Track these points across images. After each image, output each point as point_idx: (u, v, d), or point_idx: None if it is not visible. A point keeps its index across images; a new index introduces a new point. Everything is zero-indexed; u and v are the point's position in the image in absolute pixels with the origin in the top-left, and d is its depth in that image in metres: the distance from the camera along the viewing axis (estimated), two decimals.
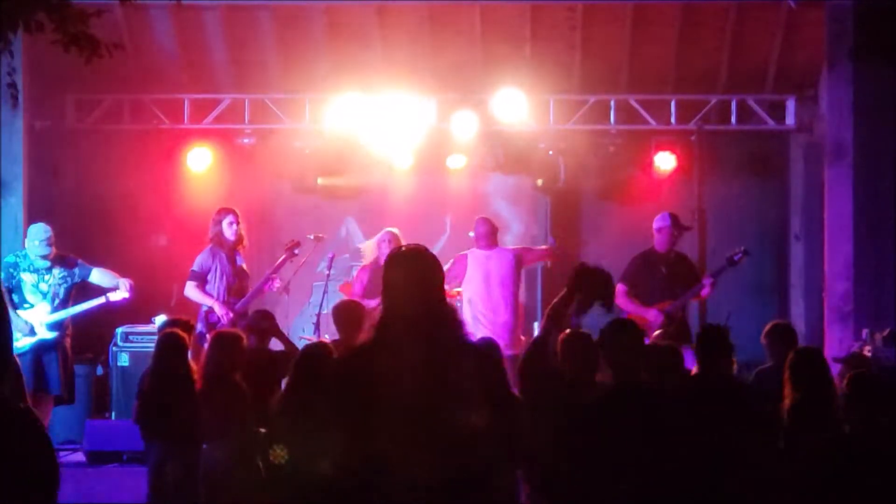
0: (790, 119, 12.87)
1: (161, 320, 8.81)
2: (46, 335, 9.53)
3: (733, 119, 12.83)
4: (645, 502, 5.13)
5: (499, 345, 6.58)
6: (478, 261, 10.58)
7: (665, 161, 12.86)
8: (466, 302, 10.50)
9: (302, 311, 12.74)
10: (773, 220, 13.35)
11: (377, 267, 10.47)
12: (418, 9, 12.20)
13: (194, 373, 7.25)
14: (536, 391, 5.83)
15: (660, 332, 8.91)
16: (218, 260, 10.06)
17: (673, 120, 12.80)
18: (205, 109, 12.87)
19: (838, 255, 11.41)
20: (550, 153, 12.91)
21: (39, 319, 9.53)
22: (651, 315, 9.66)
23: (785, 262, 13.31)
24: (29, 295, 9.58)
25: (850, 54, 11.24)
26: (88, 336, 10.75)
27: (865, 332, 10.48)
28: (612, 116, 12.82)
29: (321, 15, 12.28)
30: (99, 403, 11.08)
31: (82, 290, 9.90)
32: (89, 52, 8.04)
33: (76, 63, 8.20)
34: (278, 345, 8.36)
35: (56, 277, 9.66)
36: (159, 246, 12.65)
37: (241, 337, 7.24)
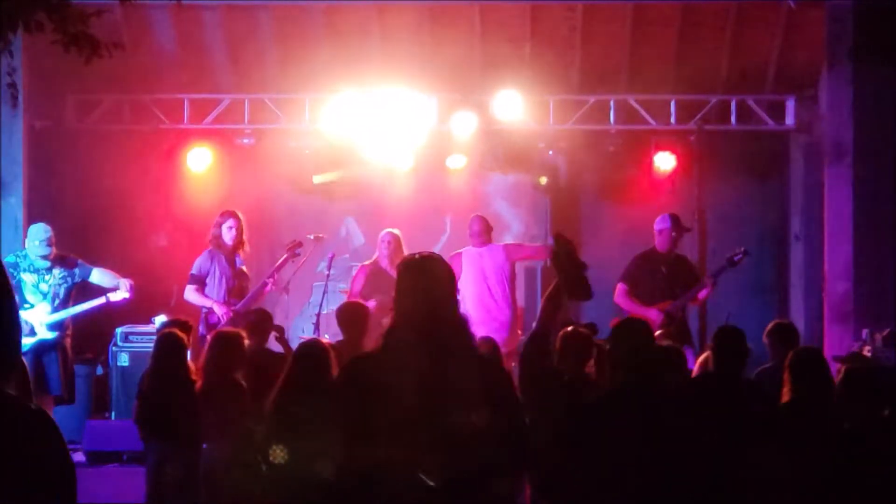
0: (790, 119, 12.86)
1: (161, 320, 8.81)
2: (46, 335, 9.53)
3: (733, 119, 12.82)
4: (646, 502, 5.13)
5: (497, 344, 6.59)
6: (472, 259, 10.59)
7: (665, 161, 12.86)
8: (462, 300, 10.48)
9: (302, 312, 12.73)
10: (773, 221, 13.34)
11: (376, 267, 10.48)
12: (418, 9, 12.19)
13: (193, 373, 7.24)
14: (536, 390, 5.83)
15: (660, 332, 8.91)
16: (217, 262, 10.04)
17: (673, 120, 12.78)
18: (204, 109, 12.85)
19: (838, 256, 11.41)
20: (550, 153, 12.90)
21: (39, 319, 9.52)
22: (652, 315, 9.65)
23: (785, 263, 13.30)
24: (29, 295, 9.57)
25: (850, 54, 11.24)
26: (88, 336, 10.74)
27: (865, 333, 10.47)
28: (612, 116, 12.81)
29: (321, 15, 12.27)
30: (99, 403, 11.07)
31: (82, 291, 9.89)
32: (89, 52, 8.05)
33: (76, 63, 8.22)
34: (278, 346, 8.36)
35: (56, 277, 9.65)
36: (159, 246, 12.64)
37: (242, 336, 7.22)
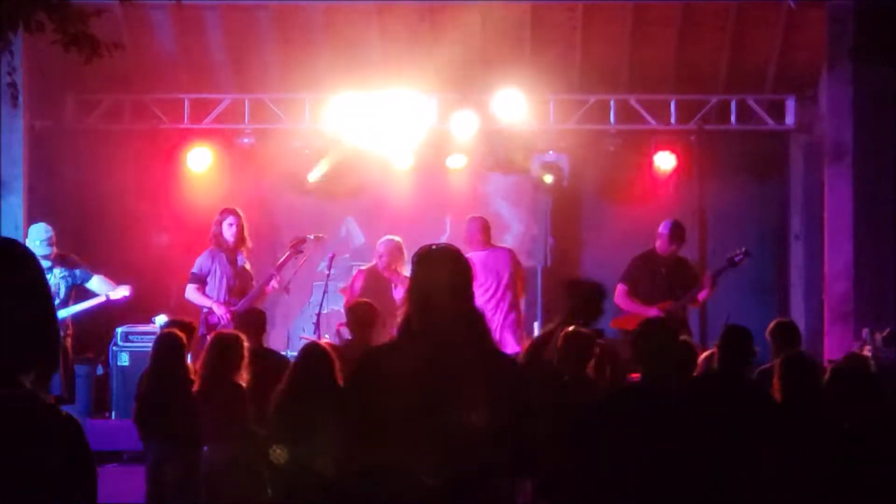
0: (790, 119, 12.84)
1: (161, 320, 8.80)
2: None
3: (733, 119, 12.80)
4: (649, 501, 5.12)
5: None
6: (479, 262, 10.56)
7: (665, 161, 12.84)
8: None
9: (302, 312, 12.73)
10: (773, 220, 13.33)
11: (373, 272, 10.41)
12: (418, 9, 12.18)
13: (192, 373, 7.24)
14: (536, 391, 5.83)
15: None
16: (217, 261, 10.03)
17: (673, 120, 12.77)
18: (205, 109, 12.84)
19: (838, 255, 11.40)
20: (551, 153, 12.89)
21: None
22: (652, 314, 9.65)
23: (785, 262, 13.29)
24: None
25: (851, 54, 11.23)
26: (88, 336, 10.74)
27: (866, 332, 10.46)
28: (612, 116, 12.79)
29: (321, 14, 12.26)
30: (99, 403, 11.07)
31: (82, 290, 9.89)
32: (89, 52, 8.05)
33: (76, 63, 8.22)
34: (278, 346, 8.35)
35: (56, 277, 9.65)
36: (159, 246, 12.61)
37: (240, 337, 7.21)
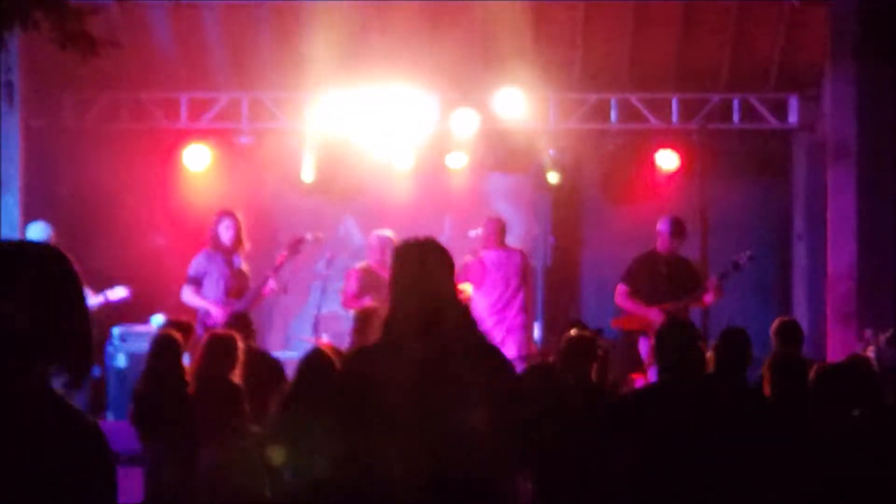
0: (793, 118, 12.79)
1: (158, 321, 8.75)
2: None
3: (735, 118, 12.75)
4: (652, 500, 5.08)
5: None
6: (492, 261, 10.55)
7: (667, 160, 12.79)
8: (477, 303, 10.40)
9: (301, 312, 12.67)
10: (776, 220, 13.27)
11: (367, 269, 10.36)
12: (418, 7, 12.13)
13: (188, 374, 7.19)
14: (539, 394, 5.79)
15: None
16: (214, 263, 9.97)
17: (674, 118, 12.72)
18: (203, 108, 12.79)
19: (841, 255, 11.33)
20: (551, 152, 12.84)
21: None
22: (652, 315, 9.58)
23: (787, 262, 13.24)
24: None
25: (854, 53, 11.17)
26: None
27: (868, 333, 10.40)
28: (614, 115, 12.75)
29: (321, 12, 12.20)
30: (96, 404, 11.00)
31: None
32: (86, 51, 8.00)
33: (73, 61, 8.17)
34: (277, 347, 8.29)
35: None
36: (156, 245, 12.56)
37: (235, 338, 7.16)
